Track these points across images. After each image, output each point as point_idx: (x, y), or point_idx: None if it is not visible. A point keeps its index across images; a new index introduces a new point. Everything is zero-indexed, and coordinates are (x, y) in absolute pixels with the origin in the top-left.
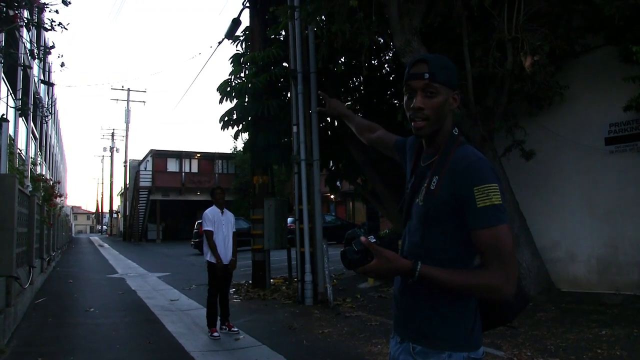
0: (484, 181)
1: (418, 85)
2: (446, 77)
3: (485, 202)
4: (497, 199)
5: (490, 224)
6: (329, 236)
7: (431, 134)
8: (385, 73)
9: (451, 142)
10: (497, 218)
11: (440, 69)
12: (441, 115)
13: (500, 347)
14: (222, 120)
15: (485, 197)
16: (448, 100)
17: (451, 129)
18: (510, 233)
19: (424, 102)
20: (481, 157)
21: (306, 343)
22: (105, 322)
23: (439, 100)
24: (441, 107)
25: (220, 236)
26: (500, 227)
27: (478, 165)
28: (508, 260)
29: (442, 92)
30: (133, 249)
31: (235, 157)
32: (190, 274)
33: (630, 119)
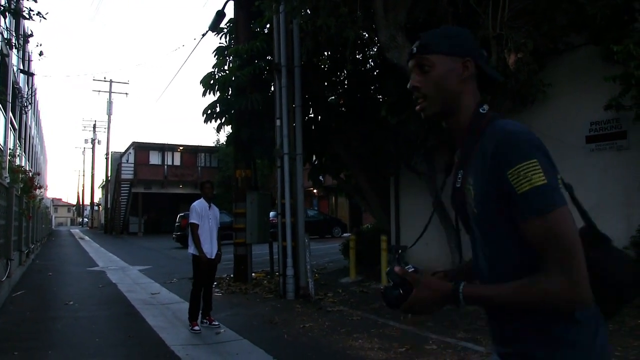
0: (518, 159)
1: (411, 64)
2: (444, 45)
3: (523, 186)
4: (539, 179)
5: (534, 212)
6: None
7: (440, 114)
8: (370, 68)
9: (476, 122)
10: (543, 202)
11: (435, 38)
12: (444, 90)
13: (480, 342)
14: (205, 113)
15: (523, 179)
16: (454, 70)
17: (475, 106)
18: (568, 219)
19: (419, 79)
20: (512, 129)
21: (287, 337)
22: (85, 316)
23: (436, 73)
24: (441, 80)
25: (207, 230)
26: (551, 213)
27: (508, 141)
28: (569, 255)
29: (440, 62)
30: (114, 242)
31: (218, 150)
32: (171, 267)
33: (610, 118)
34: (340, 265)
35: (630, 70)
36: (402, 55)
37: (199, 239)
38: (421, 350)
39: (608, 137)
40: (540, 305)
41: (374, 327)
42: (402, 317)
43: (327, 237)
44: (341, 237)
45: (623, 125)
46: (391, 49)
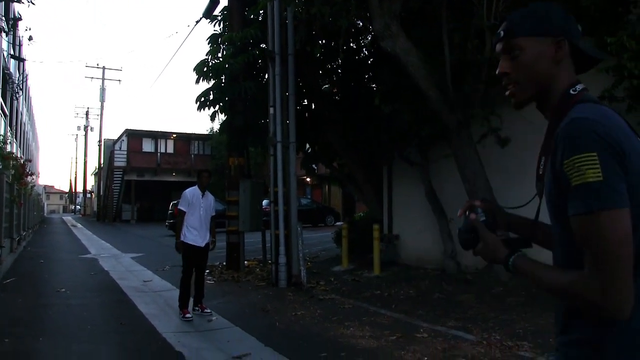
0: (574, 151)
1: (500, 49)
2: (532, 25)
3: (576, 179)
4: (594, 175)
5: (579, 209)
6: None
7: (531, 99)
8: (364, 57)
9: (561, 106)
10: (592, 200)
11: (522, 19)
12: (536, 74)
13: (471, 331)
14: (198, 101)
15: (576, 172)
16: (544, 52)
17: (567, 88)
18: (617, 222)
19: (508, 65)
20: (580, 116)
21: (279, 325)
22: (76, 303)
23: (526, 57)
24: (532, 65)
25: (197, 218)
26: (598, 214)
27: (570, 129)
28: (607, 261)
29: (529, 45)
30: (107, 230)
31: (211, 138)
32: (164, 255)
33: None
34: (333, 254)
35: (623, 62)
36: (396, 44)
37: (181, 225)
38: (412, 339)
39: None
40: (572, 301)
41: (365, 315)
42: (393, 306)
43: (320, 225)
44: (334, 225)
45: None
46: (385, 38)
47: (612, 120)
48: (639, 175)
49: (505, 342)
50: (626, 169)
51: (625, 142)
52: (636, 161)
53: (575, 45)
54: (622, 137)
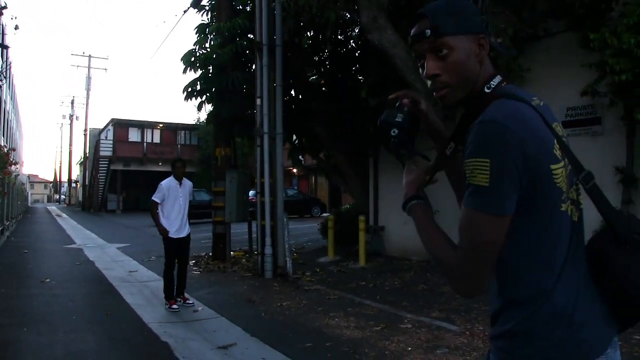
0: (473, 153)
1: (424, 48)
2: (458, 23)
3: (469, 178)
4: (482, 179)
5: (467, 204)
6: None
7: (463, 100)
8: (351, 49)
9: (481, 102)
10: (471, 201)
11: (447, 17)
12: (467, 74)
13: (454, 321)
14: (185, 91)
15: (470, 173)
16: (472, 51)
17: (484, 83)
18: (486, 227)
19: (436, 65)
20: (490, 118)
21: (265, 315)
22: (61, 294)
23: (456, 57)
24: (463, 65)
25: (177, 209)
26: (476, 213)
27: (476, 131)
28: (470, 254)
29: (459, 44)
30: (92, 219)
31: (198, 128)
32: (150, 245)
33: (585, 104)
34: (319, 245)
35: (605, 58)
36: (383, 36)
37: (158, 217)
38: (396, 329)
39: (583, 122)
40: (438, 265)
41: (350, 306)
42: (378, 297)
43: (306, 216)
44: (320, 216)
45: (598, 112)
46: (373, 31)
47: (522, 121)
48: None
49: (488, 333)
50: (527, 171)
51: (531, 143)
52: (543, 161)
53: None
54: (528, 138)
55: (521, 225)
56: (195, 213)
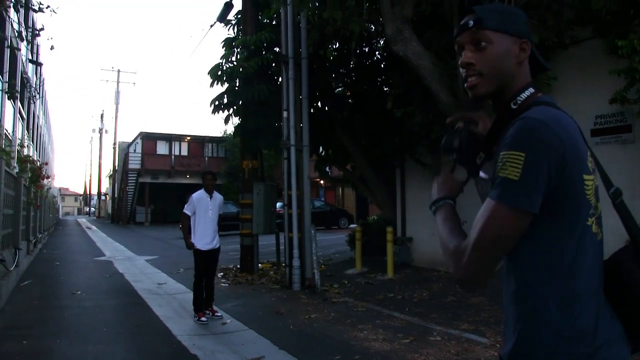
0: (509, 146)
1: (465, 39)
2: (502, 22)
3: (500, 171)
4: (513, 173)
5: (491, 195)
6: (317, 221)
7: (491, 95)
8: (376, 60)
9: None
10: (498, 193)
11: (492, 13)
12: (501, 70)
13: (484, 333)
14: (212, 104)
15: (502, 166)
16: (512, 51)
17: (521, 89)
18: (506, 221)
19: (473, 56)
20: (532, 117)
21: (292, 328)
22: (91, 305)
23: (494, 51)
24: (499, 59)
25: (207, 222)
26: (498, 205)
27: (518, 126)
28: (479, 244)
29: (499, 40)
30: (121, 232)
31: (225, 140)
32: (178, 257)
33: (615, 112)
34: (346, 257)
35: (634, 64)
36: (407, 48)
37: (187, 230)
38: (425, 342)
39: (613, 130)
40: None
41: (379, 318)
42: (406, 309)
43: (333, 228)
44: (348, 228)
45: (628, 119)
46: (397, 42)
47: (563, 126)
48: (574, 183)
49: None
50: (558, 174)
51: (570, 149)
52: (577, 169)
53: (532, 50)
54: (567, 143)
55: (544, 229)
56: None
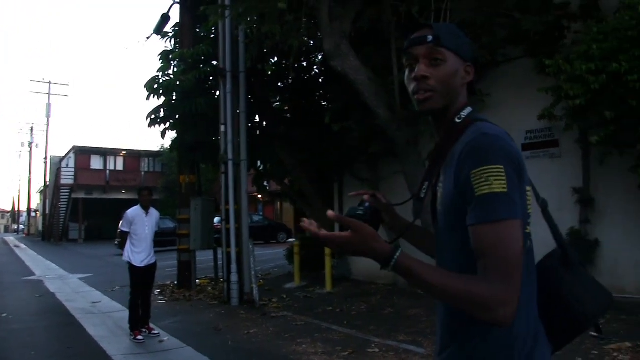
0: (484, 162)
1: (420, 52)
2: (456, 43)
3: (483, 189)
4: (500, 186)
5: (487, 218)
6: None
7: (439, 110)
8: (315, 75)
9: (459, 125)
10: (498, 210)
11: (448, 34)
12: (451, 88)
13: (421, 344)
14: (149, 118)
15: (484, 182)
16: (459, 72)
17: (461, 109)
18: (517, 233)
19: (428, 70)
20: (489, 132)
21: (231, 343)
22: (20, 328)
23: (447, 69)
24: (451, 78)
25: (143, 238)
26: (502, 223)
27: (480, 143)
28: (509, 271)
29: (452, 60)
30: (53, 250)
31: (162, 155)
32: (113, 275)
33: (543, 127)
34: (285, 271)
35: (560, 83)
36: (345, 63)
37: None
38: (364, 354)
39: (542, 145)
40: (461, 304)
41: (317, 331)
42: (345, 322)
43: (272, 242)
44: (286, 242)
45: (555, 134)
46: (335, 57)
47: (510, 140)
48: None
49: None
50: (523, 184)
51: (522, 160)
52: (526, 179)
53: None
54: (519, 153)
55: None
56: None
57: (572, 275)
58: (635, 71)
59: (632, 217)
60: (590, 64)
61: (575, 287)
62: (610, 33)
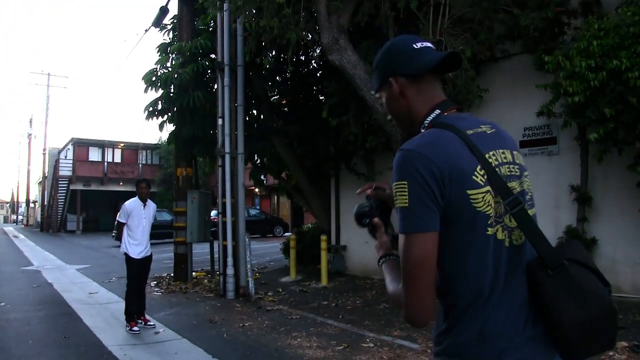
0: (394, 178)
1: None
2: (375, 78)
3: (395, 202)
4: (403, 201)
5: (398, 228)
6: (252, 230)
7: (409, 131)
8: (313, 69)
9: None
10: (402, 223)
11: (373, 78)
12: (392, 113)
13: (415, 340)
14: (146, 110)
15: (395, 197)
16: (390, 93)
17: (423, 119)
18: (413, 246)
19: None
20: (404, 147)
21: (226, 336)
22: (17, 317)
23: (384, 101)
24: (387, 107)
25: (140, 229)
26: (404, 236)
27: (396, 158)
28: (408, 278)
29: (381, 93)
30: (51, 240)
31: (160, 147)
32: (110, 266)
33: (542, 124)
34: (281, 265)
35: (559, 79)
36: (343, 57)
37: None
38: (358, 349)
39: (540, 142)
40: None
41: (312, 325)
42: (340, 316)
43: (268, 236)
44: (283, 236)
45: (553, 132)
46: (333, 52)
47: (433, 148)
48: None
49: None
50: (442, 191)
51: (442, 167)
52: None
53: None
54: (439, 162)
55: (444, 244)
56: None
57: (553, 279)
58: (635, 68)
59: (629, 216)
60: (589, 60)
61: (555, 291)
62: (611, 29)
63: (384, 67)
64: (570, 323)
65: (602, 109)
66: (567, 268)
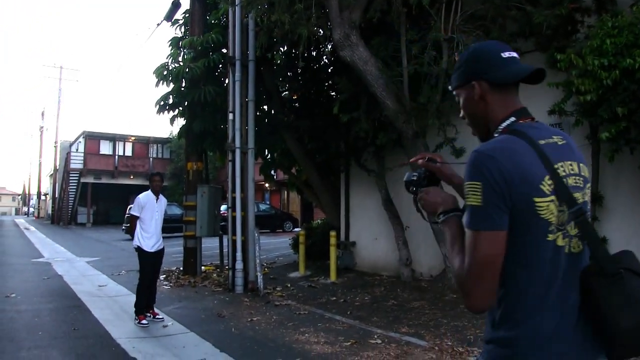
0: (467, 177)
1: None
2: (455, 78)
3: (466, 199)
4: (475, 200)
5: (466, 224)
6: (262, 225)
7: (483, 134)
8: (324, 65)
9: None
10: (472, 220)
11: (453, 74)
12: (469, 115)
13: (424, 337)
14: (158, 104)
15: (466, 195)
16: (469, 96)
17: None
18: (483, 243)
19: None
20: (478, 149)
21: (235, 331)
22: (27, 309)
23: (461, 102)
24: (465, 109)
25: (153, 223)
26: (473, 232)
27: (469, 159)
28: (472, 271)
29: (460, 94)
30: (61, 233)
31: (170, 141)
32: (120, 259)
33: (553, 123)
34: (290, 260)
35: (571, 78)
36: (354, 53)
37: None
38: (366, 345)
39: None
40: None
41: (320, 321)
42: (348, 312)
43: (278, 231)
44: (292, 231)
45: (565, 130)
46: (345, 47)
47: (505, 154)
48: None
49: (457, 348)
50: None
51: (512, 173)
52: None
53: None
54: (511, 170)
55: (509, 245)
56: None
57: (610, 286)
58: None
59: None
60: (602, 59)
61: (612, 298)
62: (625, 27)
63: (468, 69)
64: (625, 329)
65: (615, 108)
66: (623, 276)
